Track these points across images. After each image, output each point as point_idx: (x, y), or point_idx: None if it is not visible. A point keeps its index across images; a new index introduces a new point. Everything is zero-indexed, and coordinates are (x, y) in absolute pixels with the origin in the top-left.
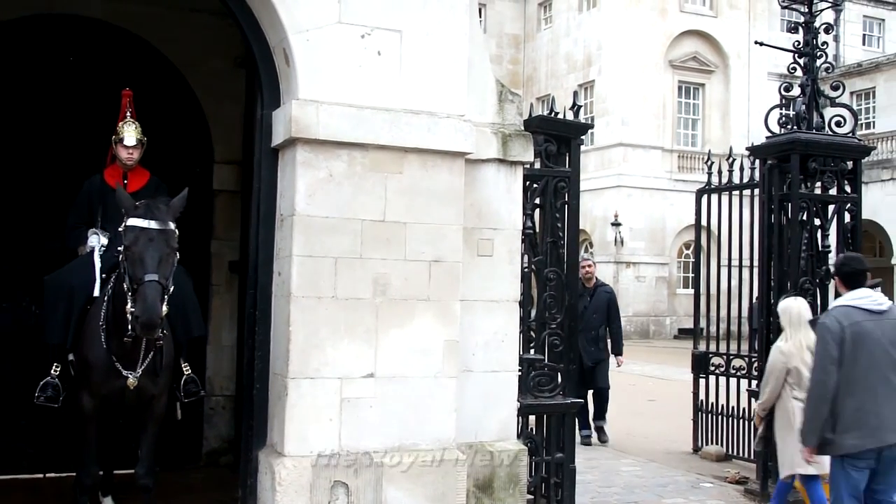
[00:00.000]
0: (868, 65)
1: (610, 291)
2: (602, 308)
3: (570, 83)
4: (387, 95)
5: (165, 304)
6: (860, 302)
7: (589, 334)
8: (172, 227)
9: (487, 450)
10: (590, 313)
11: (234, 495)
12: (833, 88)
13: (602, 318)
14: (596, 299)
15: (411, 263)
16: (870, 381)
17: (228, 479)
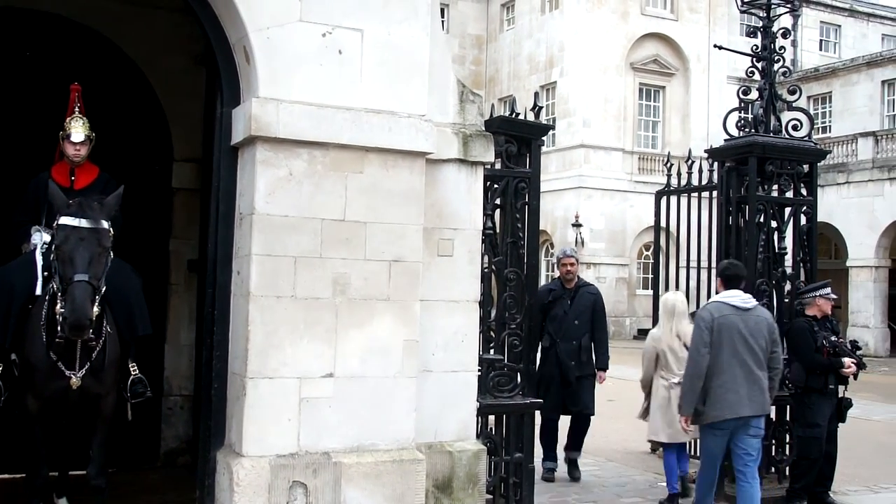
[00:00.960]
0: (825, 70)
1: (595, 293)
2: (586, 312)
3: (532, 84)
4: (348, 94)
5: (97, 304)
6: (731, 300)
7: (570, 345)
8: (105, 225)
9: (447, 450)
10: (570, 319)
11: (192, 496)
12: (790, 92)
13: (586, 324)
14: (578, 302)
15: (371, 263)
16: (731, 365)
17: (186, 479)
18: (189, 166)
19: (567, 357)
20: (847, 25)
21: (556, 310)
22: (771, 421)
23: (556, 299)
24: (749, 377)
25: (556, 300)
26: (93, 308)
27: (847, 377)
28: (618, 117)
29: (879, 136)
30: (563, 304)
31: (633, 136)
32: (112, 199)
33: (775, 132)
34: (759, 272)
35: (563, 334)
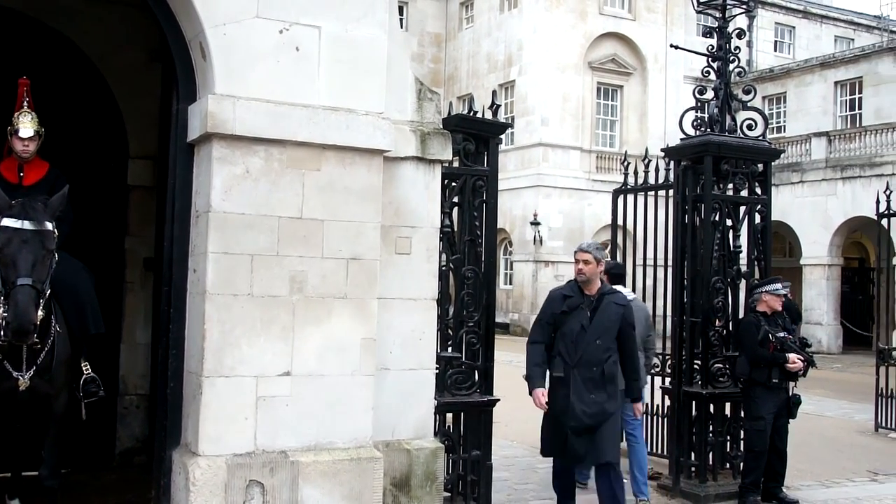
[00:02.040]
0: (779, 70)
1: (623, 303)
2: (611, 330)
3: (491, 83)
4: (305, 92)
5: (41, 308)
6: None
7: (589, 372)
8: (49, 227)
9: (404, 448)
10: (590, 337)
11: (148, 496)
12: (745, 92)
13: (610, 345)
14: (602, 315)
15: (329, 261)
16: None
17: (142, 479)
18: (144, 163)
19: (586, 389)
20: (801, 27)
21: (571, 324)
22: (725, 417)
23: (572, 309)
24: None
25: (571, 310)
26: (37, 312)
27: (795, 373)
28: (576, 116)
29: (832, 137)
30: (580, 316)
31: (591, 134)
32: (56, 200)
33: (730, 131)
34: (715, 270)
35: (580, 358)
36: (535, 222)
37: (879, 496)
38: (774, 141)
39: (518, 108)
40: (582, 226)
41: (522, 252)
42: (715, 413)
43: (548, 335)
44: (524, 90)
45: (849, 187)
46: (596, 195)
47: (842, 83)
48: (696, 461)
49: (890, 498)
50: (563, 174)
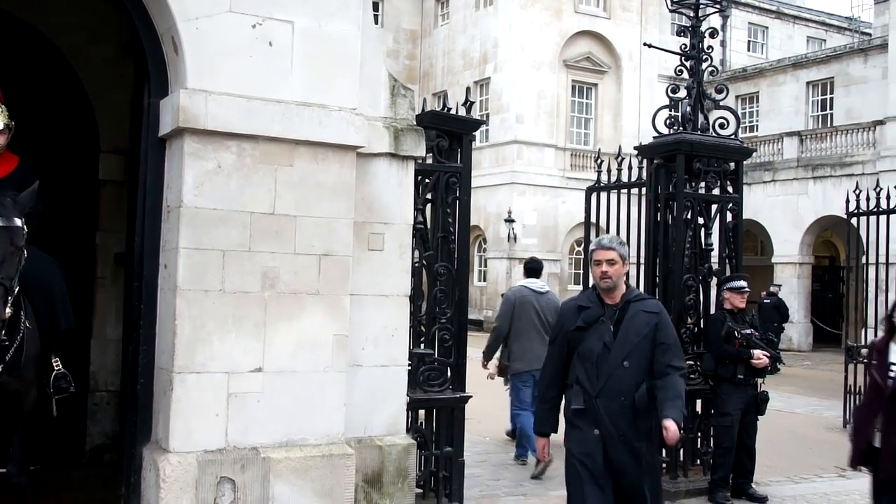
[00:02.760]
0: (752, 70)
1: (656, 311)
2: (641, 347)
3: (466, 80)
4: (278, 87)
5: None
6: (531, 285)
7: (615, 402)
8: (18, 223)
9: (376, 444)
10: (615, 359)
11: (118, 493)
12: (717, 91)
13: (642, 367)
14: (628, 329)
15: (301, 257)
16: (528, 331)
17: (112, 476)
18: (116, 158)
19: (612, 426)
20: (774, 27)
21: (591, 341)
22: (696, 413)
23: (590, 324)
24: (542, 341)
25: (589, 325)
26: (5, 309)
27: (763, 370)
28: (551, 114)
29: (804, 136)
30: (601, 331)
31: (565, 132)
32: (26, 196)
33: (703, 130)
34: (687, 268)
35: (603, 385)
36: (509, 219)
37: (847, 491)
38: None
39: (493, 105)
40: (556, 223)
41: (496, 249)
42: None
43: (561, 361)
44: (499, 87)
45: (820, 187)
46: (570, 193)
47: (813, 83)
48: (667, 458)
49: (857, 493)
50: (538, 171)
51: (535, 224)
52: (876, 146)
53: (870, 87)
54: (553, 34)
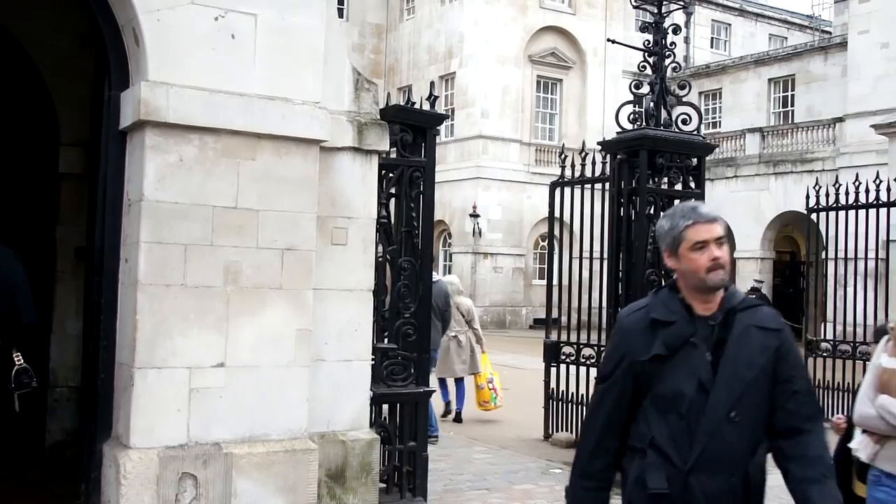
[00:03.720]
0: (715, 66)
1: (778, 326)
2: (760, 384)
3: (431, 74)
4: (241, 80)
5: None
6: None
7: (721, 482)
8: None
9: (339, 439)
10: (718, 406)
11: (78, 490)
12: (680, 87)
13: (759, 420)
14: (738, 357)
15: (264, 251)
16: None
17: (72, 473)
18: (76, 151)
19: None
20: (737, 24)
21: (677, 379)
22: None
23: (676, 349)
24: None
25: (674, 351)
26: None
27: None
28: (516, 109)
29: (766, 133)
30: (693, 362)
31: (530, 127)
32: None
33: (666, 126)
34: (649, 262)
35: (700, 453)
36: (474, 214)
37: None
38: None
39: (458, 100)
40: (521, 218)
41: (462, 244)
42: None
43: (620, 410)
44: (464, 82)
45: (781, 182)
46: (535, 188)
47: (775, 80)
48: None
49: None
50: (503, 166)
51: (500, 219)
52: (836, 143)
53: (830, 85)
54: (518, 29)
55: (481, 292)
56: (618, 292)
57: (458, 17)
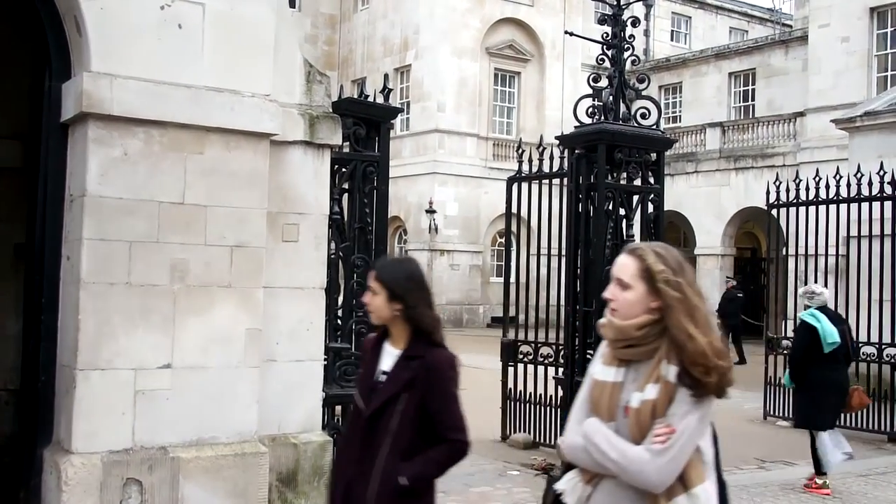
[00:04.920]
0: (676, 60)
1: None
2: None
3: (386, 67)
4: (188, 71)
5: None
6: None
7: None
8: None
9: (291, 442)
10: None
11: (17, 497)
12: (639, 81)
13: None
14: None
15: (212, 248)
16: None
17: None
18: (14, 144)
19: None
20: (697, 17)
21: None
22: None
23: None
24: None
25: None
26: None
27: None
28: (472, 102)
29: (727, 127)
30: None
31: (487, 121)
32: None
33: (624, 120)
34: (608, 259)
35: None
36: (430, 210)
37: (766, 482)
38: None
39: (414, 93)
40: (478, 214)
41: (417, 240)
42: None
43: None
44: (420, 75)
45: (742, 178)
46: (492, 183)
47: (736, 74)
48: None
49: (776, 484)
50: (459, 161)
51: (457, 215)
52: (796, 138)
53: (791, 79)
54: (475, 21)
55: (438, 290)
56: (576, 290)
57: (414, 8)
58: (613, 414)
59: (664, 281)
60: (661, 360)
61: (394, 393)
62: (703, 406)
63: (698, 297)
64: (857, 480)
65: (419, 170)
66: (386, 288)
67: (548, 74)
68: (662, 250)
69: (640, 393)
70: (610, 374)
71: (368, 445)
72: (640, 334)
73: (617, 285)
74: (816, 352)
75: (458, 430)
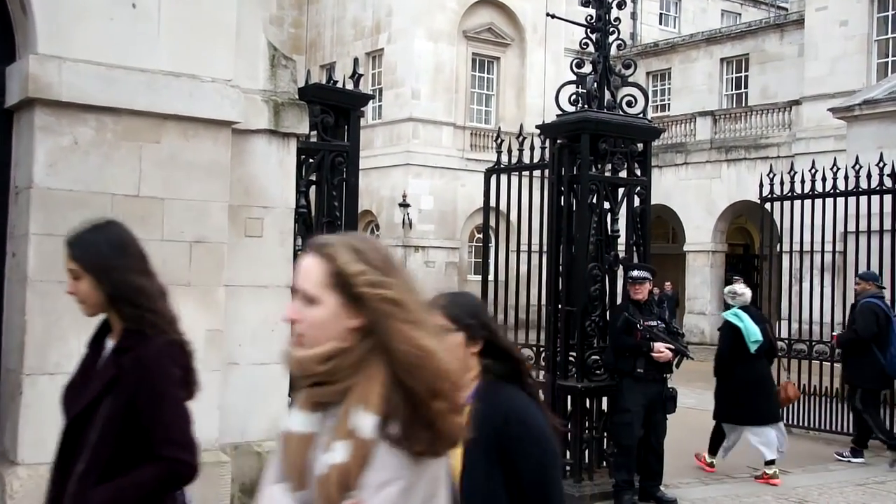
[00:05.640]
0: (664, 45)
1: None
2: None
3: (357, 51)
4: (143, 54)
5: None
6: None
7: None
8: None
9: (255, 450)
10: None
11: None
12: (625, 67)
13: None
14: None
15: (169, 244)
16: None
17: None
18: None
19: None
20: None
21: None
22: (602, 412)
23: None
24: None
25: None
26: None
27: (667, 364)
28: (449, 89)
29: (718, 116)
30: None
31: (465, 109)
32: None
33: (609, 108)
34: (592, 256)
35: None
36: (404, 204)
37: (758, 492)
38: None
39: (386, 79)
40: (455, 208)
41: (390, 236)
42: (591, 408)
43: None
44: (393, 60)
45: (734, 170)
46: (470, 175)
47: (728, 60)
48: (571, 460)
49: (769, 494)
50: (435, 152)
51: (433, 209)
52: (791, 128)
53: (786, 65)
54: (452, 2)
55: None
56: (558, 288)
57: None
58: (305, 480)
59: (367, 285)
60: (353, 405)
61: (94, 396)
62: (418, 470)
63: (421, 305)
64: (854, 490)
65: (392, 161)
66: (86, 268)
67: (529, 60)
68: (361, 243)
69: (328, 453)
70: (303, 423)
71: (65, 464)
72: (326, 369)
73: (300, 299)
74: (742, 350)
75: (174, 444)
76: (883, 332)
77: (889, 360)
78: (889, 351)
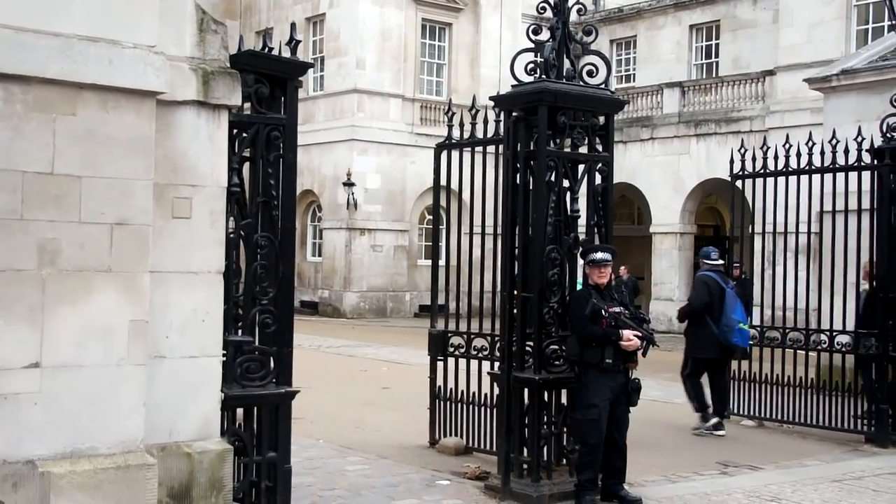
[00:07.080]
0: (629, 10)
1: None
2: None
3: (296, 15)
4: (56, 17)
5: None
6: None
7: None
8: None
9: (184, 451)
10: None
11: None
12: (586, 33)
13: None
14: None
15: (88, 227)
16: None
17: None
18: None
19: None
20: None
21: None
22: (561, 406)
23: None
24: None
25: None
26: None
27: (633, 353)
28: (397, 58)
29: (686, 88)
30: None
31: (414, 80)
32: None
33: (569, 78)
34: (550, 238)
35: None
36: (348, 183)
37: (729, 490)
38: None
39: (329, 47)
40: (404, 187)
41: (334, 218)
42: (550, 401)
43: None
44: (336, 26)
45: (703, 145)
46: (419, 151)
47: (697, 27)
48: (529, 457)
49: (740, 492)
50: (382, 126)
51: (380, 188)
52: (765, 100)
53: (759, 33)
54: None
55: (357, 275)
56: (513, 273)
57: None
58: None
59: None
60: None
61: None
62: None
63: None
64: (830, 486)
65: (335, 136)
66: None
67: (483, 26)
68: None
69: None
70: None
71: None
72: None
73: None
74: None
75: None
76: (716, 302)
77: (720, 329)
78: (721, 321)
